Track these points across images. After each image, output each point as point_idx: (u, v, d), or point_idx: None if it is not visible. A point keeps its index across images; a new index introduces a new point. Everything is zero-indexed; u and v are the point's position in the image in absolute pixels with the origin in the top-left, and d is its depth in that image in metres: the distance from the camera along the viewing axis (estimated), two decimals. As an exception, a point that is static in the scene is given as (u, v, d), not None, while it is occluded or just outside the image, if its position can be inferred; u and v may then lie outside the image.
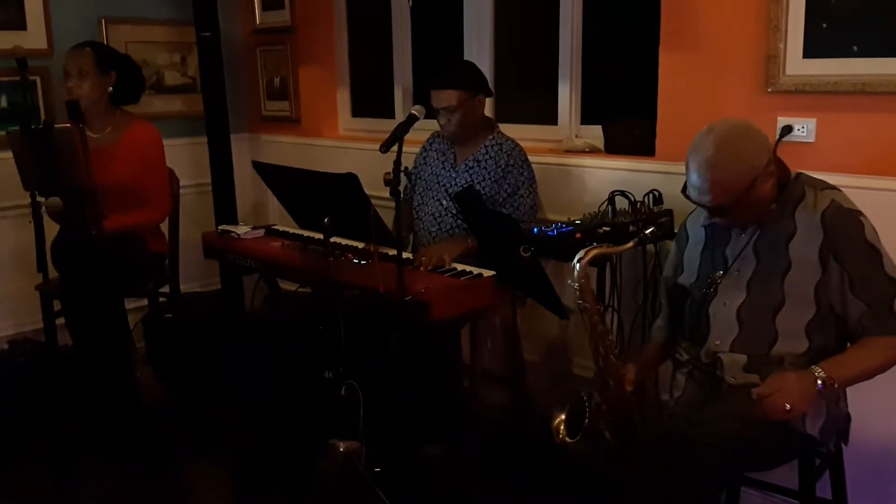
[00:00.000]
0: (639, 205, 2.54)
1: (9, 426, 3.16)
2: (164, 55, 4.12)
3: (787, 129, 2.45)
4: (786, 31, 2.42)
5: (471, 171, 2.91)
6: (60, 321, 3.31)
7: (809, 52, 2.40)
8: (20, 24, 3.57)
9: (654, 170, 2.76)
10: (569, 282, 1.99)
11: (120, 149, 3.15)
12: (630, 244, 2.09)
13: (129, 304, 3.41)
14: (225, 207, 3.93)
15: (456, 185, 2.92)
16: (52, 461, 3.02)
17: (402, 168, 2.34)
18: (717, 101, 2.61)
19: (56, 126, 2.74)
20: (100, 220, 2.95)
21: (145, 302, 3.52)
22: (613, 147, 2.99)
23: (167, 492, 2.85)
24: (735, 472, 2.12)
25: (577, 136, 3.18)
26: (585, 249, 1.98)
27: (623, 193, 2.55)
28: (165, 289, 3.50)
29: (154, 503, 2.79)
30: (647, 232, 2.17)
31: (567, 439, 2.03)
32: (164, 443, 3.11)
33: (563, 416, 2.07)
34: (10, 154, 3.03)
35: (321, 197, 2.57)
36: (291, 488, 2.80)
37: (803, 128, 2.44)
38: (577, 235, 2.39)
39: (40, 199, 3.02)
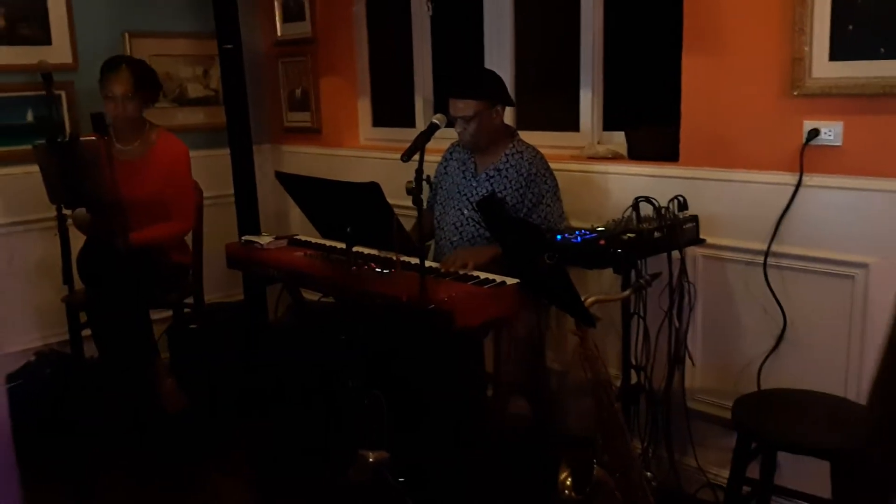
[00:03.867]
0: (663, 211, 2.51)
1: (34, 437, 3.18)
2: (187, 68, 4.16)
3: (814, 133, 2.42)
4: (811, 34, 2.39)
5: (492, 180, 2.90)
6: (86, 333, 3.33)
7: (836, 54, 2.36)
8: (45, 40, 3.62)
9: (678, 175, 2.73)
10: (569, 330, 2.00)
11: (148, 162, 3.18)
12: (627, 292, 2.24)
13: (154, 315, 3.43)
14: (248, 218, 3.94)
15: (477, 194, 2.91)
16: (77, 472, 3.03)
17: (425, 177, 2.34)
18: (742, 104, 2.58)
19: (81, 139, 2.78)
20: (126, 231, 2.98)
21: (170, 313, 3.54)
22: (636, 153, 2.96)
23: (191, 503, 2.85)
24: None
25: (599, 143, 3.15)
26: (583, 298, 2.03)
27: (648, 199, 2.52)
28: (189, 299, 3.52)
29: (179, 514, 2.80)
30: (642, 280, 2.21)
31: (573, 495, 2.03)
32: (188, 453, 3.12)
33: (569, 472, 2.08)
34: (36, 168, 3.06)
35: (344, 206, 2.57)
36: (316, 498, 2.79)
37: (830, 131, 2.40)
38: (601, 242, 2.37)
39: (66, 211, 3.05)
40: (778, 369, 2.58)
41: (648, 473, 2.38)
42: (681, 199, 2.56)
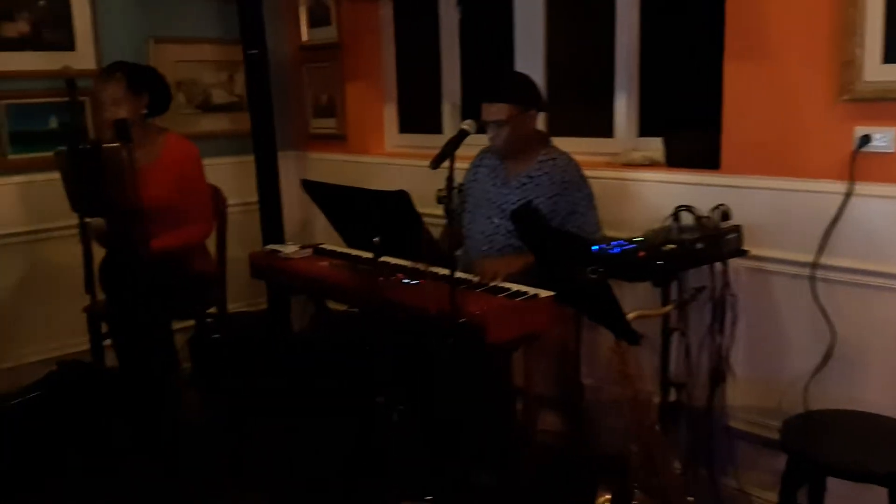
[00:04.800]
0: (705, 221, 2.40)
1: (54, 449, 3.13)
2: (212, 74, 4.11)
3: (866, 139, 2.30)
4: (863, 35, 2.27)
5: (523, 188, 2.80)
6: (108, 343, 3.28)
7: (890, 56, 2.24)
8: (69, 45, 3.58)
9: (719, 184, 2.62)
10: (609, 347, 1.92)
11: (158, 167, 3.11)
12: (671, 306, 2.17)
13: (177, 325, 3.37)
14: (272, 226, 3.89)
15: (507, 202, 2.81)
16: (97, 484, 2.97)
17: (456, 186, 2.25)
18: (787, 109, 2.47)
19: (104, 146, 2.72)
20: (146, 240, 2.91)
21: (192, 322, 3.48)
22: (675, 160, 2.86)
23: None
24: None
25: (635, 149, 3.05)
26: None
27: (689, 209, 2.41)
28: (212, 309, 3.45)
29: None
30: (687, 295, 2.09)
31: None
32: (209, 466, 3.05)
33: (607, 497, 2.00)
34: (59, 174, 3.01)
35: (371, 215, 2.49)
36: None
37: (883, 137, 2.28)
38: (641, 254, 2.26)
39: (88, 220, 3.00)
40: (825, 388, 2.45)
41: (690, 498, 2.27)
42: (723, 208, 2.45)
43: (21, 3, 3.44)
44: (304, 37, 4.27)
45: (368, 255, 2.64)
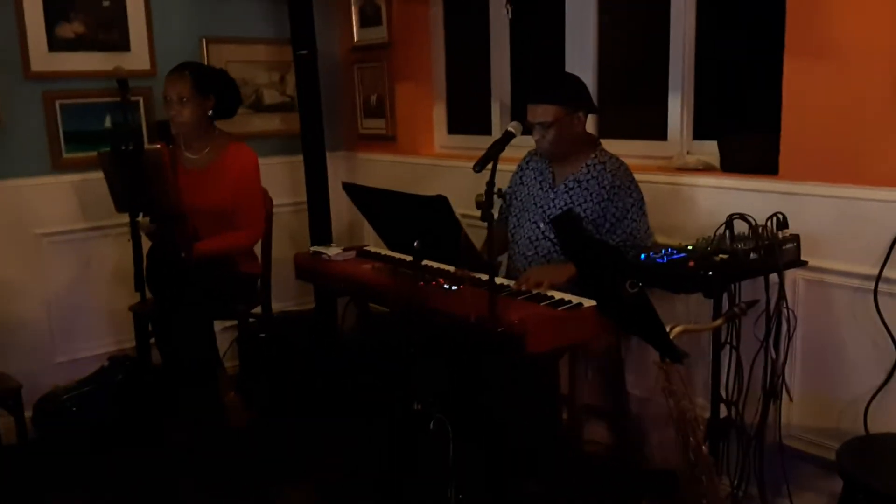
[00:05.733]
0: (761, 229, 2.28)
1: (101, 445, 3.18)
2: (264, 74, 4.13)
3: (939, 145, 2.15)
4: (936, 33, 2.13)
5: (571, 193, 2.72)
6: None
7: (966, 55, 2.09)
8: (124, 46, 3.63)
9: (777, 190, 2.49)
10: (654, 361, 1.82)
11: (217, 171, 3.15)
12: (719, 321, 2.02)
13: (221, 325, 3.39)
14: (320, 226, 3.88)
15: (554, 206, 2.74)
16: (142, 482, 3.01)
17: (496, 190, 2.18)
18: (852, 112, 2.33)
19: (146, 147, 2.74)
20: (190, 241, 2.93)
21: (234, 322, 3.50)
22: (730, 164, 2.73)
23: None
24: None
25: (688, 153, 2.94)
26: (668, 328, 1.85)
27: (743, 217, 2.29)
28: (256, 309, 3.47)
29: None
30: (737, 308, 1.99)
31: None
32: (251, 466, 3.06)
33: None
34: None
35: (411, 220, 2.45)
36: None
37: (959, 144, 2.13)
38: (691, 264, 2.16)
39: (139, 219, 3.04)
40: (888, 408, 2.31)
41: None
42: (780, 216, 2.33)
43: (77, 5, 3.50)
44: (355, 37, 4.25)
45: (410, 258, 2.60)
